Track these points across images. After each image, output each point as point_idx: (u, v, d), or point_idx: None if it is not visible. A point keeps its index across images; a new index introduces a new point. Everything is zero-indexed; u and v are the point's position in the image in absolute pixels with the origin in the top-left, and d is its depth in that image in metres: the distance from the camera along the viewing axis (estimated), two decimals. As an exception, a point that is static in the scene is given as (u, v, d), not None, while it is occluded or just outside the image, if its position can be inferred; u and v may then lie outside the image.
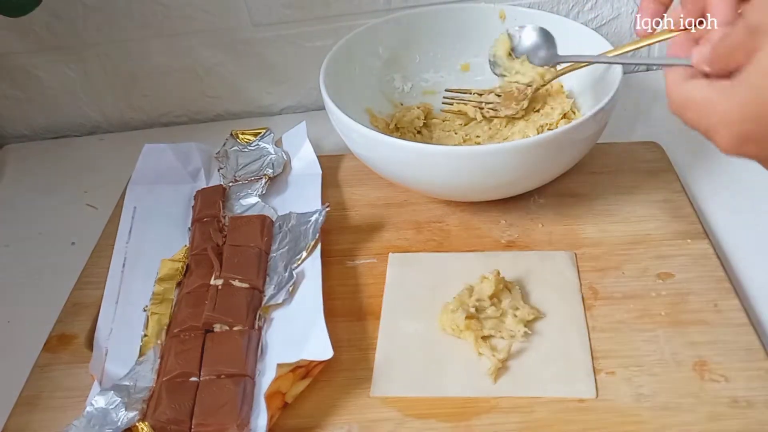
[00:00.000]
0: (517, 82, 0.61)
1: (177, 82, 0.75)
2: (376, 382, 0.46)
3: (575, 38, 0.61)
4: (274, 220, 0.57)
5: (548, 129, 0.60)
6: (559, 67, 0.61)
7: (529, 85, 0.62)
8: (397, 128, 0.64)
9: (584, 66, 0.60)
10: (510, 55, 0.62)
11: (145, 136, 0.76)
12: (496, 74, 0.62)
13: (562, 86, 0.63)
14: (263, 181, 0.60)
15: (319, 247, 0.53)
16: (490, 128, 0.63)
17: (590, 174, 0.61)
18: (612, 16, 0.73)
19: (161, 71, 0.74)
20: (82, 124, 0.77)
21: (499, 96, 0.63)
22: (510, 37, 0.61)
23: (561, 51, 0.62)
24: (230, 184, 0.61)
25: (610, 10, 0.73)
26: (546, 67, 0.61)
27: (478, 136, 0.63)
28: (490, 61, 0.62)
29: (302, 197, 0.59)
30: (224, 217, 0.57)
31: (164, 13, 0.70)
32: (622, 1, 0.72)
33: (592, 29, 0.62)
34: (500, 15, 0.65)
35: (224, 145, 0.64)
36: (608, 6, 0.72)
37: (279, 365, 0.42)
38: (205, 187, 0.61)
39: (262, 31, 0.72)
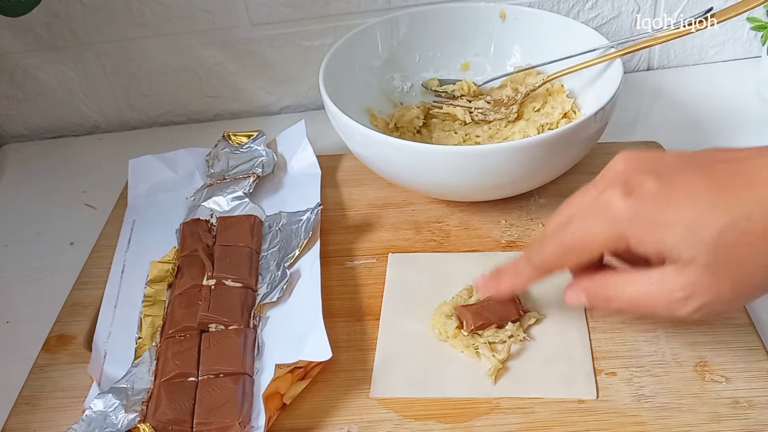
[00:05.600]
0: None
1: (176, 81, 0.75)
2: (375, 383, 0.46)
3: (575, 37, 0.61)
4: (263, 219, 0.57)
5: (549, 128, 0.60)
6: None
7: (517, 91, 0.63)
8: (396, 128, 0.64)
9: (583, 67, 0.60)
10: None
11: (145, 136, 0.75)
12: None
13: (562, 86, 0.63)
14: (251, 179, 0.59)
15: (318, 247, 0.53)
16: (490, 128, 0.63)
17: (591, 174, 0.60)
18: (612, 15, 0.73)
19: (160, 71, 0.74)
20: (81, 124, 0.77)
21: (489, 103, 0.64)
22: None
23: (561, 50, 0.62)
24: (217, 182, 0.60)
25: (610, 9, 0.73)
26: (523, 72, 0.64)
27: (477, 136, 0.63)
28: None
29: (301, 197, 0.58)
30: (212, 217, 0.57)
31: (164, 12, 0.70)
32: (622, 0, 0.72)
33: (593, 28, 0.62)
34: (500, 14, 0.65)
35: (216, 146, 0.64)
36: (609, 5, 0.72)
37: (277, 366, 0.42)
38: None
39: (261, 31, 0.72)
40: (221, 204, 0.58)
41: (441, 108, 0.65)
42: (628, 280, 0.39)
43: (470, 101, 0.65)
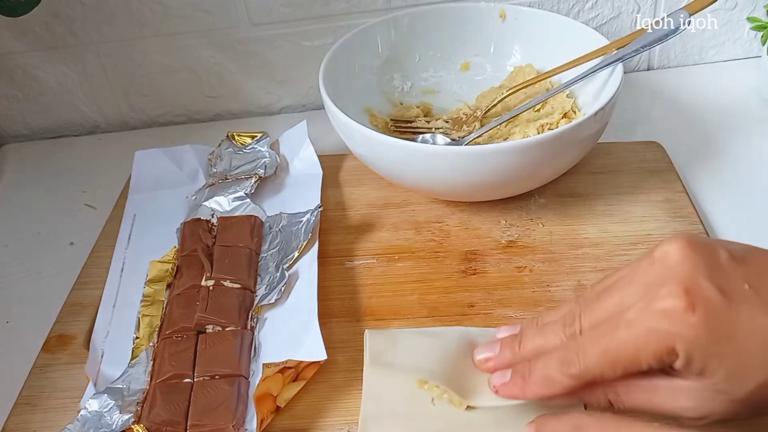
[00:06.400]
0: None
1: (176, 81, 0.75)
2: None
3: (575, 37, 0.61)
4: (263, 220, 0.57)
5: (549, 128, 0.60)
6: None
7: (477, 108, 0.63)
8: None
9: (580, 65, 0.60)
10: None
11: (145, 136, 0.75)
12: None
13: (562, 86, 0.63)
14: (253, 180, 0.59)
15: (316, 247, 0.53)
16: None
17: (591, 174, 0.61)
18: (612, 15, 0.73)
19: (160, 71, 0.74)
20: (81, 124, 0.77)
21: (447, 122, 0.63)
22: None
23: (561, 50, 0.62)
24: (219, 181, 0.60)
25: (610, 9, 0.73)
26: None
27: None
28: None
29: (302, 198, 0.58)
30: (213, 216, 0.57)
31: (164, 12, 0.70)
32: (622, 0, 0.72)
33: (593, 28, 0.62)
34: (500, 14, 0.65)
35: (219, 145, 0.64)
36: (609, 5, 0.72)
37: (265, 365, 0.42)
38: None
39: (261, 31, 0.72)
40: (222, 204, 0.58)
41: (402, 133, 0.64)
42: (639, 387, 0.36)
43: (428, 122, 0.64)
